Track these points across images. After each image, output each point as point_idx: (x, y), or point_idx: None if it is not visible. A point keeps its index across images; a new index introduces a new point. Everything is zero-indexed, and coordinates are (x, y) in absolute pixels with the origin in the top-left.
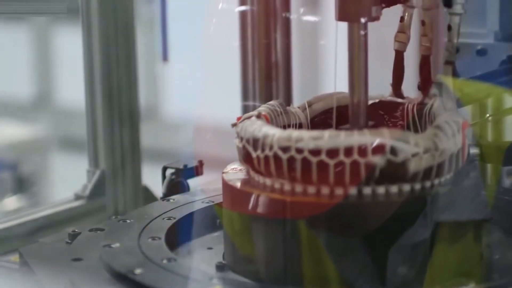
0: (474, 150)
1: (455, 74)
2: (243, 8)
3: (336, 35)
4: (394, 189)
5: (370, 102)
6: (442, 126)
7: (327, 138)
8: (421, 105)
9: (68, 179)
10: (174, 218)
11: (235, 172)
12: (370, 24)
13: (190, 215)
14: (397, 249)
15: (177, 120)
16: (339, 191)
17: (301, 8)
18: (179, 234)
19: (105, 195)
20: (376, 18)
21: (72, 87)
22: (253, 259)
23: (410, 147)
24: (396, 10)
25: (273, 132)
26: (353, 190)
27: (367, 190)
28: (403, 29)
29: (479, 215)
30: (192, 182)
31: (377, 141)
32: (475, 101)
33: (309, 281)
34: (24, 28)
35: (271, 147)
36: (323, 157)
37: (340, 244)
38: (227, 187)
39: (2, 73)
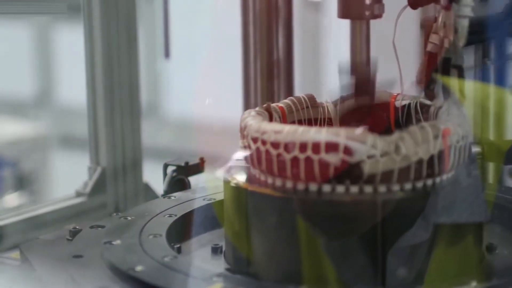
0: (475, 149)
1: (461, 77)
2: (245, 4)
3: (330, 34)
4: (354, 188)
5: (404, 103)
6: (412, 131)
7: (286, 132)
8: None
9: (69, 177)
10: (175, 216)
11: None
12: (372, 22)
13: (191, 212)
14: (393, 251)
15: (179, 118)
16: (289, 185)
17: (303, 5)
18: (180, 231)
19: (106, 192)
20: (379, 16)
21: (73, 85)
22: (251, 257)
23: (366, 148)
24: (398, 8)
25: (251, 123)
26: (313, 187)
27: (326, 188)
28: (436, 30)
29: (479, 217)
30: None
31: (331, 140)
32: (475, 100)
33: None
34: (25, 26)
35: (247, 138)
36: (281, 150)
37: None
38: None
39: (3, 71)
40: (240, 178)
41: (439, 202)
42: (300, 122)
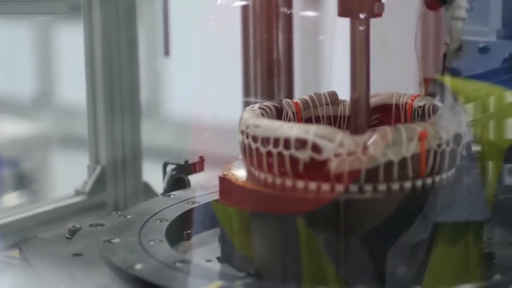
0: (475, 148)
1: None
2: (244, 3)
3: (330, 31)
4: (325, 187)
5: (420, 104)
6: (383, 132)
7: (263, 126)
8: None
9: (69, 177)
10: (175, 215)
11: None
12: (373, 22)
13: (191, 211)
14: (393, 250)
15: (179, 117)
16: (269, 179)
17: (303, 3)
18: (179, 230)
19: (105, 191)
20: (378, 15)
21: (73, 84)
22: (250, 255)
23: (334, 146)
24: (399, 8)
25: (244, 117)
26: (288, 182)
27: (300, 184)
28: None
29: (478, 216)
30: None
31: (301, 136)
32: (476, 99)
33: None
34: (25, 26)
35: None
36: (259, 144)
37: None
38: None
39: (4, 70)
40: (237, 173)
41: (438, 201)
42: (317, 119)
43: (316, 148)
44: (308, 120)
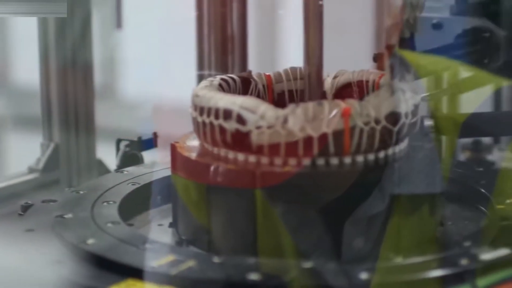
0: (429, 122)
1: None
2: None
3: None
4: (252, 158)
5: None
6: (305, 106)
7: (201, 96)
8: None
9: (22, 156)
10: (128, 190)
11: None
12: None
13: (144, 186)
14: (350, 222)
15: (134, 96)
16: (210, 149)
17: None
18: (132, 205)
19: (59, 168)
20: None
21: (28, 65)
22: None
23: (256, 118)
24: None
25: (196, 88)
26: (222, 152)
27: (231, 155)
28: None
29: (434, 189)
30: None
31: (228, 107)
32: (432, 73)
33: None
34: None
35: None
36: (197, 114)
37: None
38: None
39: None
40: (190, 143)
41: (394, 174)
42: (290, 93)
43: (240, 120)
44: (281, 94)
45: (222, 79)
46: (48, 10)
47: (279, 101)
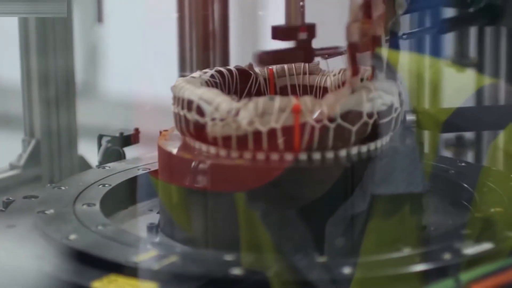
0: (410, 117)
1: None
2: None
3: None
4: (213, 150)
5: None
6: (257, 101)
7: (175, 87)
8: None
9: (4, 153)
10: (110, 185)
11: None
12: None
13: (126, 182)
14: (332, 221)
15: (116, 92)
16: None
17: None
18: (114, 200)
19: (40, 165)
20: None
21: (8, 61)
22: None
23: (211, 110)
24: None
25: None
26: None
27: (198, 146)
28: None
29: (416, 188)
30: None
31: (190, 98)
32: (413, 71)
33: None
34: None
35: None
36: (173, 103)
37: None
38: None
39: None
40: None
41: (375, 172)
42: (293, 88)
43: (199, 111)
44: (283, 88)
45: (217, 70)
46: (48, 10)
47: (281, 95)
